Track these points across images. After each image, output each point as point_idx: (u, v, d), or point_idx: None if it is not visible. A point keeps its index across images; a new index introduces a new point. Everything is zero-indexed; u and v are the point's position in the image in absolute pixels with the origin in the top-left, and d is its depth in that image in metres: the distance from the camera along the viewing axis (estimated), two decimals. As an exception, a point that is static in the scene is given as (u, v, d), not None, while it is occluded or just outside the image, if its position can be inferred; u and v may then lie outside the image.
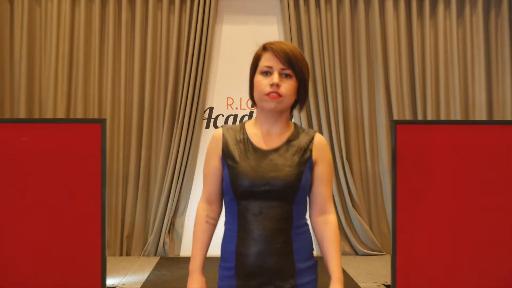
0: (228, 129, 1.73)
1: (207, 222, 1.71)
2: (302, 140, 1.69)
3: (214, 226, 1.74)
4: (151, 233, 5.57)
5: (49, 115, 5.51)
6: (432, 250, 4.00)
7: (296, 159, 1.64)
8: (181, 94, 5.64)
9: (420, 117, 5.82)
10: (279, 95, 1.61)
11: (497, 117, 5.89)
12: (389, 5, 5.85)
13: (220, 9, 5.83)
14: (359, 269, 4.93)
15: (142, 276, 4.64)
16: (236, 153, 1.66)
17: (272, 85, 1.61)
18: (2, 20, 5.63)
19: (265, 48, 1.68)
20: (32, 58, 5.67)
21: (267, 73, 1.64)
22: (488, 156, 4.04)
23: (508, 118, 5.82)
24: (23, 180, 3.88)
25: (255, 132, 1.71)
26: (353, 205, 5.74)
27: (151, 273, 4.76)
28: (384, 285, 4.28)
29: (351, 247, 5.74)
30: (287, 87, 1.62)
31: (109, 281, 4.23)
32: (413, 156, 4.04)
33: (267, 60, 1.64)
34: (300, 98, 1.70)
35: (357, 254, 5.70)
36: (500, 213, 4.02)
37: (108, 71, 5.69)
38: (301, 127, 1.76)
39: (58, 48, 5.65)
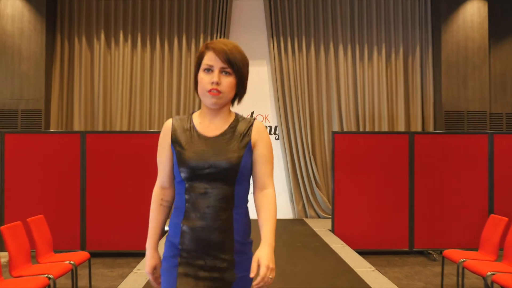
0: (177, 119, 1.75)
1: (161, 204, 1.75)
2: (242, 127, 1.71)
3: (169, 208, 1.77)
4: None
5: (117, 127, 7.88)
6: (354, 211, 6.29)
7: (236, 144, 1.66)
8: (203, 112, 7.98)
9: (361, 128, 8.18)
10: (219, 92, 1.63)
11: (413, 128, 8.24)
12: (341, 53, 8.22)
13: (229, 56, 8.17)
14: (317, 224, 7.28)
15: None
16: (183, 140, 1.68)
17: (212, 83, 1.62)
18: (86, 63, 8.00)
19: (207, 47, 1.68)
20: (105, 88, 8.05)
21: (209, 70, 1.64)
22: (390, 154, 6.30)
23: (419, 129, 8.18)
24: (114, 172, 6.02)
25: (200, 121, 1.72)
26: (316, 185, 8.12)
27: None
28: (329, 230, 6.59)
29: (315, 212, 8.12)
30: (226, 84, 1.64)
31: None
32: (345, 154, 6.31)
33: (208, 59, 1.64)
34: (239, 92, 1.72)
35: (319, 217, 8.08)
36: (396, 189, 6.26)
37: (156, 96, 8.05)
38: (241, 116, 1.77)
39: (122, 82, 8.03)
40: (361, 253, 5.46)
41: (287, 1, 8.19)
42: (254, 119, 1.76)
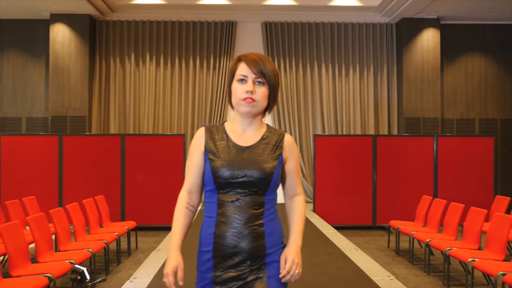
0: (210, 128, 1.73)
1: (187, 208, 1.71)
2: (273, 138, 1.70)
3: (193, 213, 1.73)
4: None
5: (145, 130, 9.42)
6: (331, 195, 7.77)
7: (269, 155, 1.66)
8: (214, 116, 9.52)
9: (339, 131, 9.71)
10: (253, 100, 1.63)
11: (381, 131, 9.76)
12: (323, 71, 9.78)
13: (233, 73, 9.72)
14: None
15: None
16: (217, 148, 1.66)
17: (247, 92, 1.62)
18: (119, 79, 9.54)
19: (240, 59, 1.69)
20: (135, 99, 9.59)
21: (242, 81, 1.64)
22: (358, 152, 7.78)
23: (386, 132, 9.70)
24: (145, 165, 7.56)
25: (233, 131, 1.71)
26: (303, 176, 9.65)
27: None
28: (311, 210, 8.11)
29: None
30: (260, 93, 1.63)
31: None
32: (324, 152, 7.80)
33: (242, 70, 1.65)
34: (270, 103, 1.70)
35: (306, 202, 9.57)
36: (363, 179, 7.70)
37: (175, 105, 9.59)
38: (272, 127, 1.76)
39: (148, 93, 9.57)
40: (336, 227, 6.62)
41: (280, 29, 9.74)
42: (285, 132, 1.77)
